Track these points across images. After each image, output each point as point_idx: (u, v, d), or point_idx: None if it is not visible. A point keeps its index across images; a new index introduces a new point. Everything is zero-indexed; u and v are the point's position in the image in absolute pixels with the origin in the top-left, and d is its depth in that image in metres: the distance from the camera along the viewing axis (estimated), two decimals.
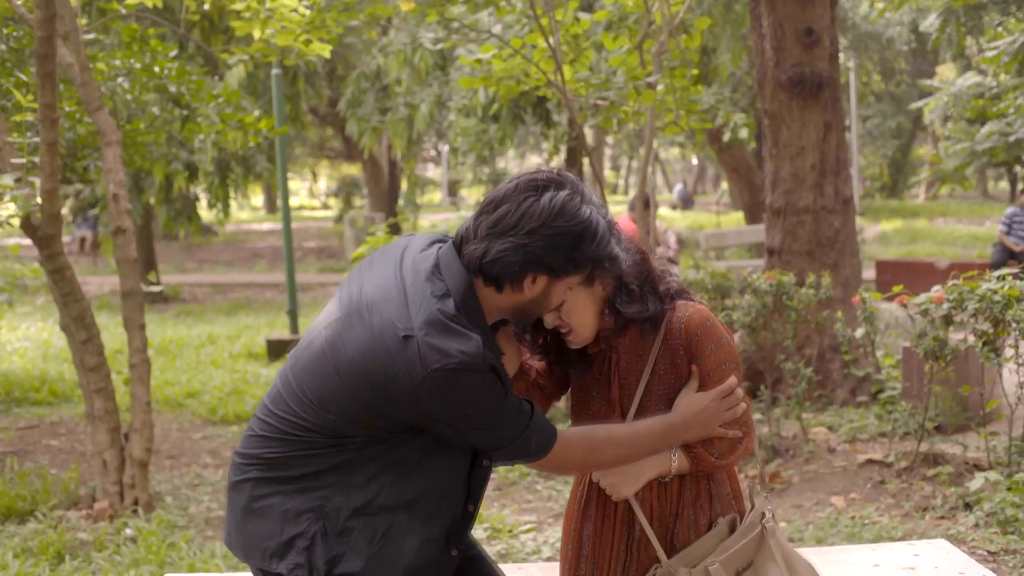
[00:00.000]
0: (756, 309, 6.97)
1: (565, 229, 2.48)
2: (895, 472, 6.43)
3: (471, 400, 2.48)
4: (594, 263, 2.55)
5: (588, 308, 2.79)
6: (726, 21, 16.34)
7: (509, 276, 2.51)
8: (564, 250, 2.50)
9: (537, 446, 2.63)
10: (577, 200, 2.51)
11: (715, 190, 54.97)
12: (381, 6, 7.35)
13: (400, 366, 2.42)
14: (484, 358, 2.43)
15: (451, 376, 2.42)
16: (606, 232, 2.55)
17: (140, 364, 6.49)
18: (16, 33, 7.16)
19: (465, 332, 2.44)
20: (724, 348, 2.87)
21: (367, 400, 2.49)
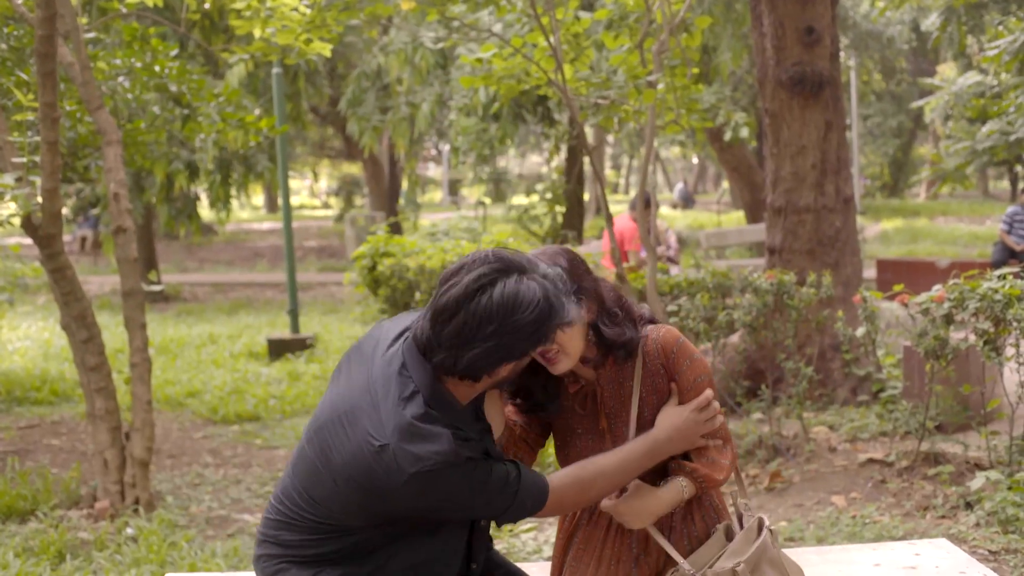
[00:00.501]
0: (757, 308, 6.97)
1: (525, 320, 2.53)
2: (896, 471, 6.42)
3: (455, 492, 2.59)
4: (553, 332, 2.62)
5: (577, 331, 2.84)
6: (727, 20, 16.34)
7: (486, 372, 2.60)
8: (529, 336, 2.56)
9: (533, 503, 2.73)
10: (524, 283, 2.56)
11: (716, 189, 54.95)
12: (382, 5, 7.34)
13: (381, 474, 2.54)
14: (457, 453, 2.53)
15: (430, 477, 2.52)
16: (558, 296, 2.60)
17: (141, 363, 6.49)
18: (17, 32, 7.16)
19: (435, 432, 2.54)
20: (698, 363, 2.96)
21: (361, 502, 2.61)
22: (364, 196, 38.72)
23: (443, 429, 2.54)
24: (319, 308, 16.55)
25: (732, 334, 7.52)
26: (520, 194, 31.43)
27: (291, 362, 11.39)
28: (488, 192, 27.26)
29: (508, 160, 44.26)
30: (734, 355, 7.69)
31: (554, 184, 22.26)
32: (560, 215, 21.98)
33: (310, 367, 10.99)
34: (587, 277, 2.91)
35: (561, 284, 2.65)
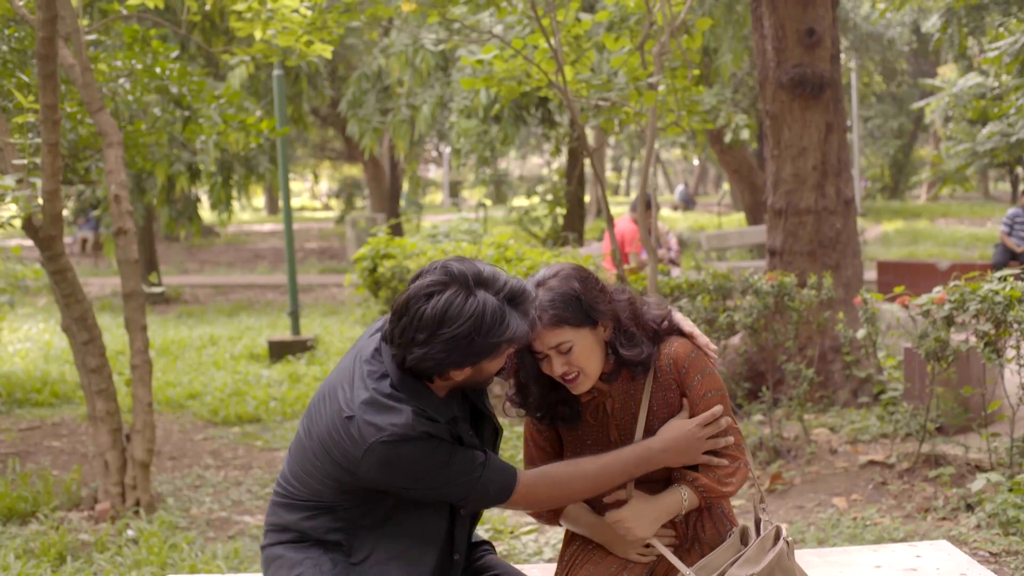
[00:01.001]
0: (758, 310, 6.97)
1: (452, 334, 2.65)
2: (897, 473, 6.42)
3: (414, 466, 2.71)
4: (494, 348, 2.70)
5: (595, 351, 2.89)
6: (727, 22, 16.33)
7: (432, 373, 2.76)
8: (461, 351, 2.66)
9: (497, 492, 2.81)
10: (460, 297, 2.66)
11: (716, 191, 54.95)
12: (382, 7, 7.35)
13: (347, 444, 2.73)
14: (414, 427, 2.68)
15: (389, 448, 2.68)
16: (497, 314, 2.67)
17: (141, 365, 6.49)
18: (18, 34, 7.16)
19: (396, 407, 2.70)
20: (709, 378, 2.97)
21: (334, 474, 2.80)
22: (365, 198, 38.75)
23: (405, 405, 2.71)
24: (320, 310, 16.55)
25: (733, 336, 7.52)
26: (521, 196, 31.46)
27: (292, 364, 11.39)
28: (489, 194, 27.29)
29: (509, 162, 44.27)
30: (735, 357, 7.69)
31: (555, 186, 22.28)
32: (561, 217, 21.99)
33: (311, 369, 10.99)
34: (601, 297, 2.91)
35: (520, 302, 2.71)
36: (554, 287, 2.87)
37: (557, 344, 2.85)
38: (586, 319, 2.86)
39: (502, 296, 2.69)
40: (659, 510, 2.93)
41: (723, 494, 2.96)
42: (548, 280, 2.89)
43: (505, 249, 9.11)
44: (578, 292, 2.86)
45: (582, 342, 2.86)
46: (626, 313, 2.95)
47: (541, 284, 2.88)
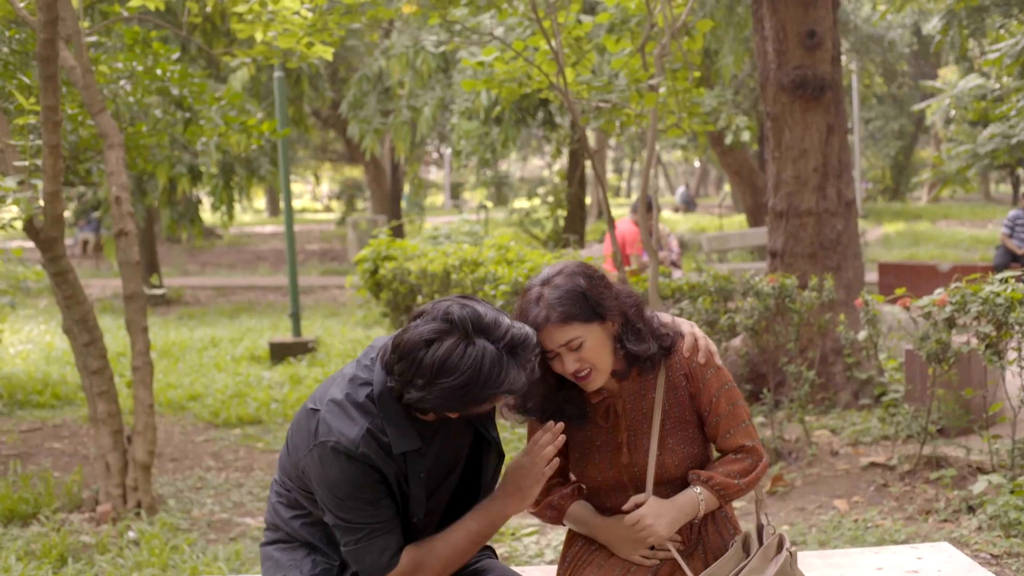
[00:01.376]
0: (759, 312, 6.96)
1: (449, 385, 2.62)
2: (898, 475, 6.42)
3: (337, 480, 2.73)
4: (490, 398, 2.68)
5: (605, 346, 2.90)
6: (728, 23, 16.33)
7: (426, 412, 2.76)
8: (456, 400, 2.65)
9: (369, 566, 2.80)
10: (460, 347, 2.63)
11: (717, 193, 54.95)
12: (383, 9, 7.35)
13: (303, 436, 2.79)
14: (356, 445, 2.69)
15: (328, 452, 2.71)
16: (496, 366, 2.64)
17: (143, 367, 6.49)
18: (18, 36, 7.16)
19: (356, 418, 2.73)
20: (722, 372, 2.99)
21: (293, 468, 2.87)
22: (366, 200, 38.75)
23: (365, 421, 2.73)
24: (321, 312, 16.55)
25: (734, 338, 7.52)
26: (522, 198, 31.48)
27: (293, 366, 11.39)
28: (490, 196, 27.27)
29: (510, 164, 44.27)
30: (736, 359, 7.69)
31: (556, 188, 22.28)
32: (562, 219, 21.99)
33: (312, 371, 10.99)
34: (607, 293, 2.91)
35: (521, 351, 2.68)
36: (560, 284, 2.86)
37: (567, 341, 2.84)
38: (594, 315, 2.86)
39: (503, 345, 2.65)
40: (677, 510, 2.93)
41: (740, 489, 2.95)
42: (553, 278, 2.88)
43: (506, 251, 9.11)
44: (584, 288, 2.86)
45: (592, 337, 2.85)
46: (633, 310, 2.95)
47: (547, 282, 2.87)
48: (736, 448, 2.99)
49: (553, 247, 19.58)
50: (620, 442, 3.00)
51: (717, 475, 2.94)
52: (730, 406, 2.97)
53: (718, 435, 3.00)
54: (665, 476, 2.98)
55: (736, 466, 2.96)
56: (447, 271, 9.33)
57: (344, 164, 42.29)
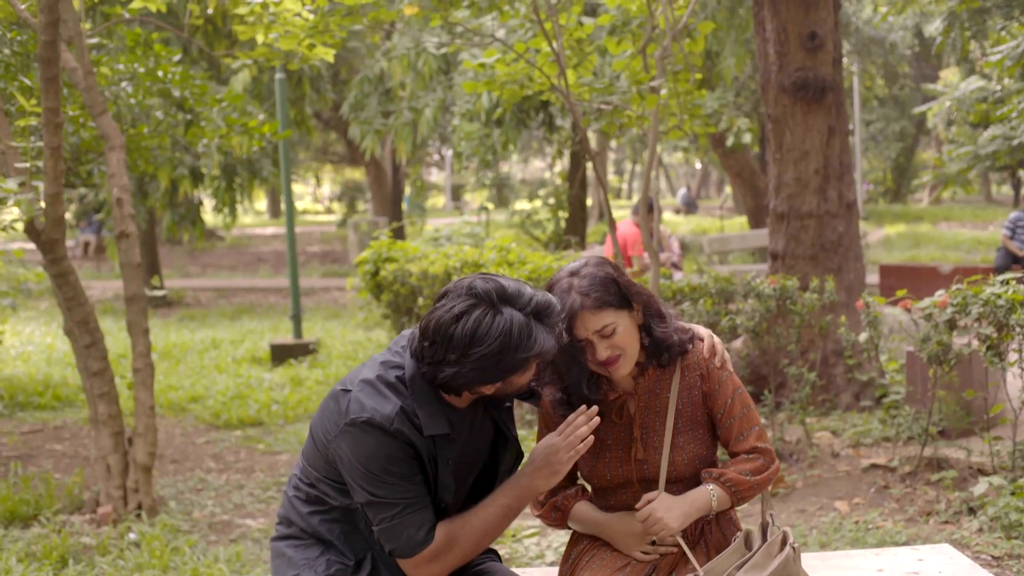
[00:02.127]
0: (760, 313, 6.96)
1: (482, 353, 2.69)
2: (899, 477, 6.42)
3: (371, 454, 2.75)
4: (523, 363, 2.73)
5: (634, 333, 2.98)
6: (730, 25, 16.34)
7: (460, 390, 2.80)
8: (492, 369, 2.72)
9: (405, 542, 2.81)
10: (489, 316, 2.70)
11: (719, 194, 54.95)
12: (385, 10, 7.34)
13: (334, 416, 2.82)
14: (391, 421, 2.73)
15: (361, 428, 2.74)
16: (524, 330, 2.70)
17: (144, 368, 6.49)
18: (20, 37, 7.17)
19: (389, 396, 2.77)
20: (733, 375, 3.06)
21: (323, 453, 2.88)
22: (367, 201, 38.73)
23: (398, 400, 2.77)
24: (322, 313, 16.55)
25: (735, 339, 7.52)
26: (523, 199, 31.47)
27: (294, 367, 11.39)
28: (491, 197, 27.28)
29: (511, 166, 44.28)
30: (737, 360, 7.69)
31: (557, 189, 22.28)
32: (563, 220, 21.99)
33: (313, 372, 10.99)
34: (632, 285, 2.98)
35: (547, 316, 2.74)
36: (591, 273, 2.93)
37: (602, 327, 2.89)
38: (625, 301, 2.93)
39: (528, 311, 2.73)
40: (688, 504, 2.95)
41: (752, 487, 2.97)
42: (582, 269, 2.95)
43: (507, 253, 9.10)
44: (614, 276, 2.94)
45: (624, 323, 2.92)
46: (652, 301, 3.03)
47: (575, 273, 2.94)
48: (749, 450, 3.02)
49: (554, 249, 19.59)
50: (635, 438, 3.02)
51: (730, 472, 2.96)
52: (744, 409, 3.03)
53: (731, 437, 3.04)
54: (675, 474, 3.01)
55: (749, 465, 2.99)
56: (448, 273, 9.33)
57: (345, 166, 42.29)
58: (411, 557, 2.83)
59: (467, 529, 2.87)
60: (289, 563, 2.96)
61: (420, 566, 2.84)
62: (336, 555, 2.93)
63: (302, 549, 2.96)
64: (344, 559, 2.93)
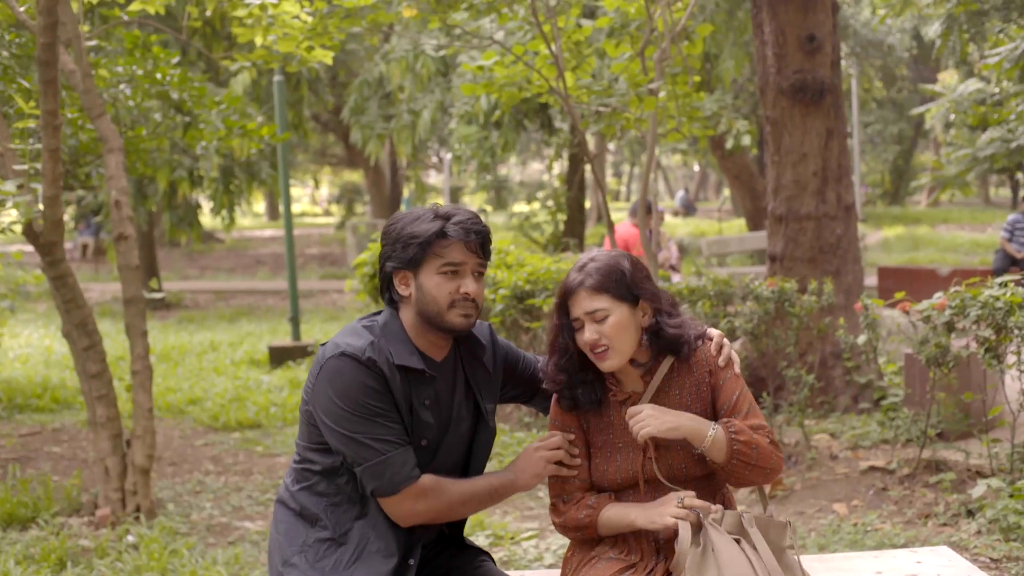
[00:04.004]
0: (758, 316, 6.97)
1: (386, 228, 2.99)
2: (897, 479, 6.42)
3: (346, 388, 2.85)
4: (414, 247, 2.91)
5: (628, 330, 2.96)
6: (728, 28, 16.35)
7: (386, 283, 3.01)
8: (390, 244, 2.96)
9: (391, 479, 2.89)
10: (416, 207, 3.00)
11: (717, 197, 54.95)
12: (383, 13, 7.35)
13: (315, 366, 2.94)
14: (364, 351, 2.86)
15: (337, 363, 2.87)
16: (419, 216, 2.94)
17: (142, 371, 6.49)
18: (18, 39, 7.17)
19: (363, 334, 2.93)
20: (738, 376, 3.03)
21: (306, 420, 2.98)
22: (365, 203, 38.73)
23: (370, 336, 2.93)
24: (320, 315, 16.54)
25: (733, 342, 7.51)
26: (521, 202, 31.42)
27: (292, 370, 11.38)
28: (489, 200, 27.25)
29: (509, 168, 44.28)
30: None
31: (555, 192, 22.26)
32: (561, 223, 21.98)
33: None
34: (646, 284, 3.00)
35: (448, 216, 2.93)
36: (602, 259, 2.98)
37: (593, 311, 2.92)
38: (627, 295, 2.95)
39: (440, 212, 2.96)
40: (681, 418, 2.91)
41: (754, 446, 2.90)
42: (598, 256, 3.01)
43: (505, 255, 9.10)
44: (624, 269, 2.96)
45: (618, 314, 2.93)
46: (667, 298, 3.03)
47: (594, 257, 3.00)
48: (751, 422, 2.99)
49: (553, 251, 19.58)
50: (645, 443, 3.00)
51: (739, 423, 2.93)
52: (749, 406, 3.00)
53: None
54: (684, 474, 3.00)
55: (759, 433, 2.95)
56: None
57: (344, 168, 42.31)
58: (395, 494, 2.89)
59: (456, 487, 2.98)
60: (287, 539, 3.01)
61: (404, 502, 2.90)
62: (321, 531, 2.98)
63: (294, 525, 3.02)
64: (330, 533, 2.97)
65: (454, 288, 2.92)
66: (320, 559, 2.94)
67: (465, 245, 2.92)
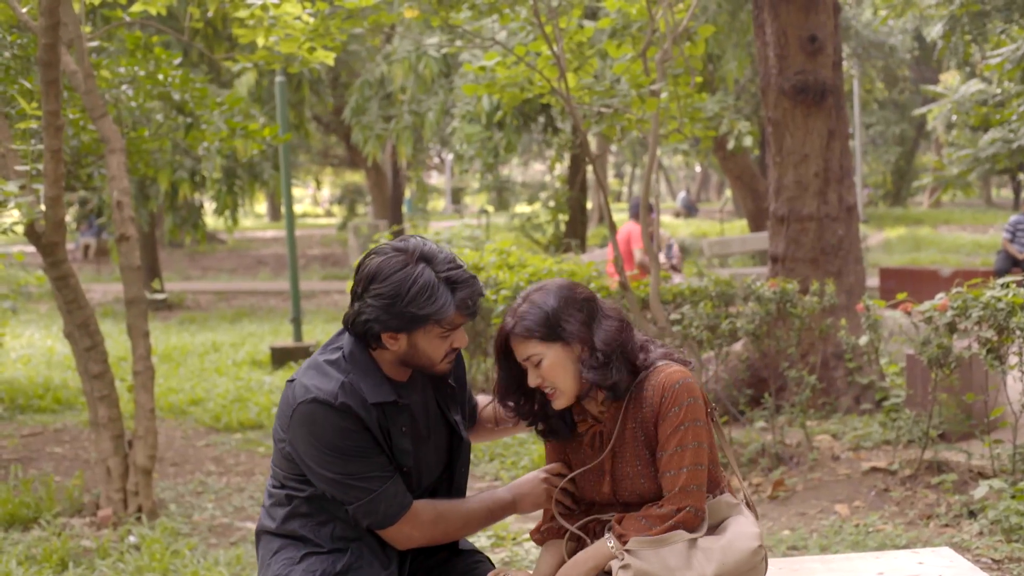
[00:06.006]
0: (760, 317, 6.96)
1: (378, 291, 2.80)
2: (899, 480, 6.42)
3: (323, 433, 2.81)
4: (419, 319, 2.80)
5: (566, 368, 2.92)
6: (731, 29, 16.35)
7: (369, 336, 2.87)
8: (386, 310, 2.78)
9: (385, 514, 2.88)
10: (399, 262, 2.80)
11: (719, 197, 54.95)
12: (385, 14, 7.35)
13: (285, 408, 2.88)
14: (335, 396, 2.79)
15: (309, 408, 2.81)
16: (427, 286, 2.78)
17: (144, 371, 6.49)
18: (20, 40, 7.17)
19: (331, 373, 2.85)
20: (688, 409, 2.88)
21: (282, 454, 2.96)
22: (367, 204, 38.74)
23: (339, 375, 2.84)
24: (322, 316, 16.55)
25: (735, 343, 7.52)
26: (523, 202, 31.43)
27: (294, 370, 11.36)
28: (491, 200, 27.27)
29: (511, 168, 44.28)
30: (737, 363, 7.69)
31: (557, 192, 22.27)
32: (563, 223, 21.99)
33: None
34: (576, 318, 2.91)
35: (459, 287, 2.83)
36: (533, 300, 2.92)
37: (527, 356, 2.90)
38: (555, 336, 2.89)
39: (441, 274, 2.82)
40: (587, 563, 2.91)
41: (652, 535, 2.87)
42: (532, 294, 2.94)
43: (507, 256, 9.11)
44: (551, 309, 2.89)
45: (552, 357, 2.89)
46: (605, 336, 2.92)
47: (527, 297, 2.94)
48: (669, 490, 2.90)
49: (554, 252, 19.59)
50: (605, 470, 3.00)
51: (629, 517, 2.91)
52: (678, 447, 2.87)
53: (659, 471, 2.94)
54: (638, 499, 2.98)
55: (650, 511, 2.89)
56: None
57: (345, 169, 42.31)
58: (391, 525, 2.90)
59: (453, 511, 2.99)
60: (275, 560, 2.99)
61: (401, 529, 2.91)
62: (314, 547, 2.96)
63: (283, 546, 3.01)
64: (323, 549, 2.96)
65: (449, 346, 2.92)
66: (311, 566, 2.93)
67: (466, 314, 2.89)
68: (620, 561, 2.84)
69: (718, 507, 3.00)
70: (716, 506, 2.99)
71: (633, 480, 2.96)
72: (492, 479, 7.28)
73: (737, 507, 3.03)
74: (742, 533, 2.93)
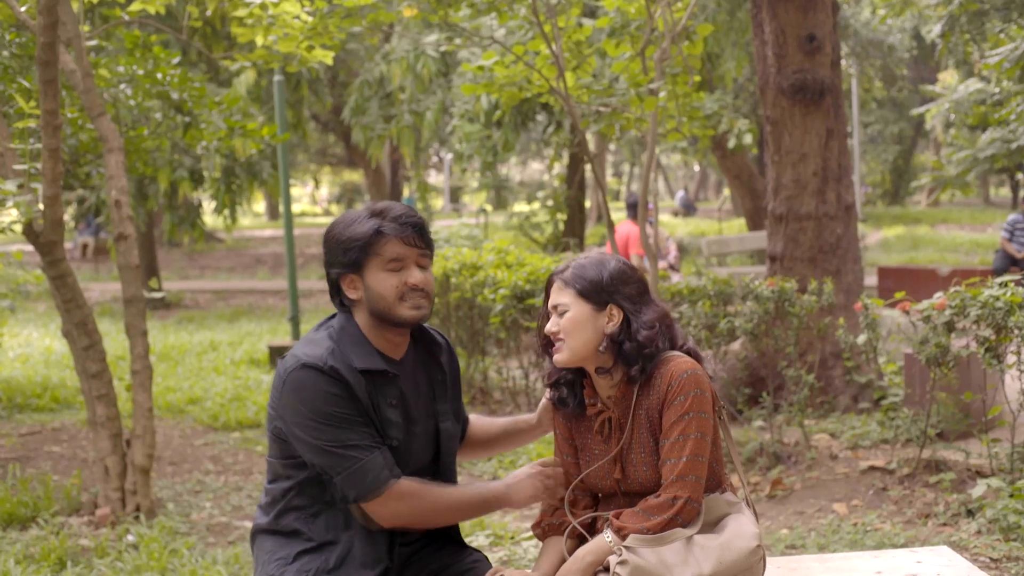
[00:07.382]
0: (758, 316, 6.96)
1: (327, 233, 3.01)
2: (897, 479, 6.42)
3: (312, 398, 2.87)
4: (352, 250, 2.94)
5: (584, 330, 2.96)
6: (729, 28, 16.35)
7: (335, 289, 3.03)
8: (329, 249, 3.00)
9: (371, 484, 2.89)
10: (355, 209, 3.03)
11: (717, 196, 54.96)
12: (384, 13, 7.35)
13: (278, 381, 2.96)
14: (324, 360, 2.89)
15: (300, 375, 2.89)
16: (354, 216, 2.98)
17: (142, 370, 6.49)
18: (19, 39, 7.17)
19: (321, 342, 2.95)
20: (693, 400, 2.91)
21: (274, 436, 3.04)
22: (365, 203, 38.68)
23: (329, 343, 2.94)
24: (320, 315, 16.51)
25: (733, 341, 7.51)
26: (521, 201, 31.43)
27: None
28: (490, 199, 27.25)
29: (509, 168, 44.29)
30: (735, 362, 7.69)
31: (556, 191, 22.26)
32: (562, 222, 21.97)
33: None
34: (622, 292, 2.98)
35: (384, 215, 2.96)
36: (593, 259, 3.02)
37: (557, 303, 2.99)
38: (592, 297, 2.96)
39: (372, 208, 3.00)
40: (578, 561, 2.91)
41: (638, 532, 2.87)
42: (594, 255, 3.04)
43: (505, 255, 9.11)
44: (599, 273, 2.97)
45: (577, 312, 2.95)
46: (650, 317, 2.98)
47: (588, 256, 3.05)
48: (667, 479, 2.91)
49: (553, 251, 19.58)
50: (614, 458, 3.01)
51: (626, 511, 2.92)
52: (680, 437, 2.89)
53: (660, 459, 2.95)
54: (640, 487, 2.99)
55: (649, 503, 2.90)
56: (446, 275, 9.33)
57: (344, 168, 42.32)
58: (377, 496, 2.90)
59: (443, 492, 3.00)
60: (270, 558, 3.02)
61: (387, 503, 2.91)
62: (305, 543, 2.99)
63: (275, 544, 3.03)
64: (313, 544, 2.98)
65: (400, 282, 2.96)
66: (304, 566, 2.94)
67: (402, 239, 2.96)
68: (618, 557, 2.84)
69: (717, 505, 3.00)
70: (715, 504, 3.00)
71: (637, 468, 2.98)
72: (490, 478, 7.29)
73: (737, 506, 3.04)
74: (741, 532, 2.93)
